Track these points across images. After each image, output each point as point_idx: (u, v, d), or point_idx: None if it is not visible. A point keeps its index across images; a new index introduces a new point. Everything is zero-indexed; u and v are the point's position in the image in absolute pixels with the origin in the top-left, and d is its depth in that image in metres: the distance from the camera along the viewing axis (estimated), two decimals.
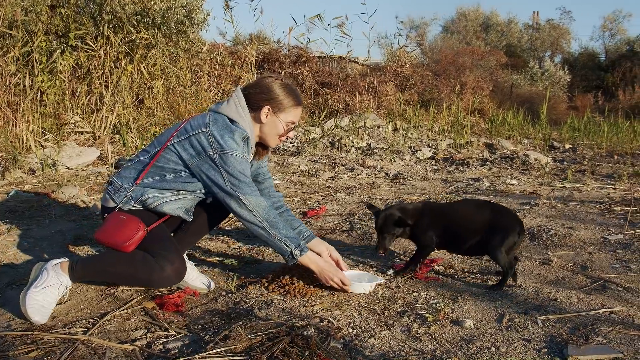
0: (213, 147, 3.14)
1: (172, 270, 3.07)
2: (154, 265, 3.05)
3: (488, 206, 3.84)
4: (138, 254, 3.10)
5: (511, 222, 3.64)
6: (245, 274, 3.79)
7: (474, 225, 3.69)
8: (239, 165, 3.15)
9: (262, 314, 3.01)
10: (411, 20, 35.94)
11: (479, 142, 12.28)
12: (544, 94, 17.06)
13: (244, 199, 3.14)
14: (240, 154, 3.17)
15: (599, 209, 6.03)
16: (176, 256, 3.12)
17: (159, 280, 3.09)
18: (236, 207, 3.17)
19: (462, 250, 3.82)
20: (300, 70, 15.51)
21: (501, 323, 3.00)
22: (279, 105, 3.32)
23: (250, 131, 3.28)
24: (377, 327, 2.92)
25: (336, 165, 9.18)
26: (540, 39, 33.68)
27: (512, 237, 3.57)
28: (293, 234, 3.29)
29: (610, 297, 3.47)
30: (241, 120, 3.25)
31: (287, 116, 3.36)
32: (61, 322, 2.97)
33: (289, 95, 3.35)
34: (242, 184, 3.15)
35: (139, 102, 10.26)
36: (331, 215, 5.72)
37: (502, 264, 3.55)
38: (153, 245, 3.12)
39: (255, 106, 3.32)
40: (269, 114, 3.32)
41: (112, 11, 9.84)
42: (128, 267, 3.08)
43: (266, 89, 3.32)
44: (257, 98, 3.31)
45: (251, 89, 3.35)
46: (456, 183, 7.83)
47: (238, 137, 3.17)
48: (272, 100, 3.31)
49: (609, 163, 10.19)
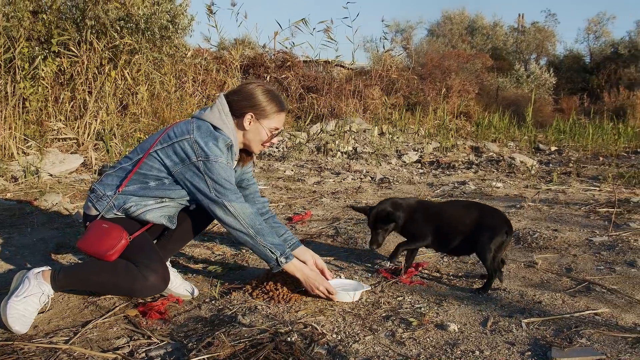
0: (197, 154, 3.11)
1: (156, 279, 3.05)
2: (137, 274, 3.02)
3: (476, 206, 3.88)
4: (121, 263, 3.07)
5: (499, 221, 3.67)
6: (229, 281, 3.78)
7: (462, 225, 3.73)
8: (224, 172, 3.13)
9: (245, 321, 3.00)
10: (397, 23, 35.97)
11: (465, 146, 12.31)
12: (529, 97, 17.12)
13: (229, 206, 3.12)
14: (225, 160, 3.15)
15: (583, 211, 6.06)
16: (159, 265, 3.09)
17: (142, 289, 3.07)
18: (221, 214, 3.15)
19: (449, 249, 3.85)
20: (286, 74, 15.50)
21: (485, 326, 3.00)
22: (262, 112, 3.30)
23: (234, 138, 3.26)
24: (362, 332, 2.91)
25: (322, 170, 9.18)
26: (525, 42, 33.80)
27: (499, 237, 3.60)
28: (279, 240, 3.27)
29: (595, 299, 3.49)
30: (225, 127, 3.22)
31: (270, 122, 3.34)
32: (42, 331, 2.95)
33: (272, 101, 3.33)
34: (227, 191, 3.13)
35: (123, 108, 10.22)
36: (316, 220, 5.71)
37: (488, 264, 3.57)
38: (136, 255, 3.09)
39: (239, 113, 3.30)
40: (252, 120, 3.30)
41: (95, 17, 9.80)
42: (111, 276, 3.05)
43: (249, 96, 3.29)
44: (240, 105, 3.29)
45: (234, 96, 3.33)
46: (442, 186, 7.85)
47: (222, 144, 3.15)
48: (255, 107, 3.29)
49: (594, 165, 10.25)
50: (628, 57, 30.19)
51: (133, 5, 10.36)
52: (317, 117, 14.29)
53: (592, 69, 31.59)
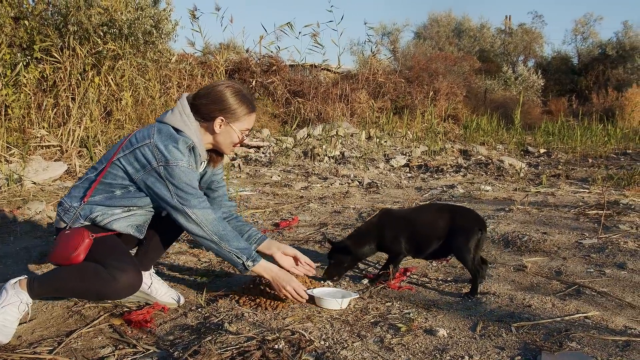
0: (157, 158, 3.05)
1: (126, 279, 2.99)
2: (106, 276, 2.97)
3: (448, 209, 3.93)
4: (89, 266, 3.02)
5: (472, 221, 3.73)
6: (215, 288, 3.77)
7: (435, 230, 3.77)
8: (185, 177, 3.07)
9: (232, 328, 2.99)
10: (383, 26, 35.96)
11: (453, 149, 12.35)
12: (517, 99, 17.20)
13: (191, 213, 3.09)
14: (186, 164, 3.08)
15: (573, 213, 6.08)
16: (129, 265, 3.04)
17: (114, 291, 3.02)
18: (184, 222, 3.12)
19: (425, 255, 3.88)
20: (272, 79, 15.50)
21: (475, 331, 3.01)
22: (233, 115, 3.23)
23: (197, 140, 3.18)
24: (350, 338, 2.91)
25: (309, 175, 9.18)
26: (513, 44, 33.95)
27: (475, 236, 3.65)
28: (244, 244, 3.24)
29: (585, 302, 3.50)
30: (186, 129, 3.14)
31: (241, 125, 3.28)
32: (26, 341, 2.94)
33: (242, 103, 3.26)
34: (189, 196, 3.09)
35: (107, 115, 10.19)
36: (304, 226, 5.71)
37: (470, 266, 3.62)
38: (105, 257, 3.04)
39: (208, 117, 3.23)
40: (223, 124, 3.24)
41: (77, 22, 9.77)
42: (81, 281, 3.01)
43: (218, 99, 3.22)
44: (209, 109, 3.22)
45: (202, 99, 3.24)
46: (430, 190, 7.86)
47: (182, 146, 3.08)
48: (224, 110, 3.22)
49: (584, 167, 10.30)
50: (616, 58, 30.40)
51: (116, 10, 10.34)
52: (303, 121, 14.30)
53: (580, 70, 31.79)
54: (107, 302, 3.46)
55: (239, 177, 8.89)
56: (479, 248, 3.71)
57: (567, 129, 15.18)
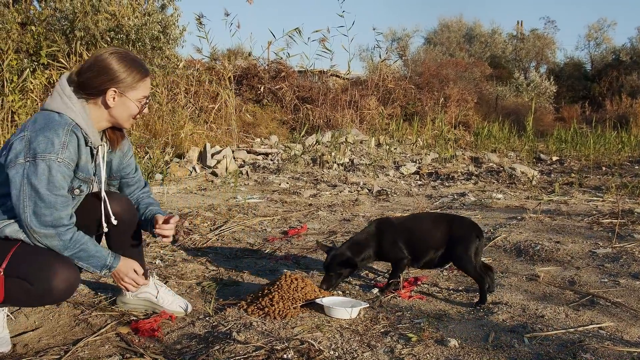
0: (25, 153, 2.74)
1: (58, 283, 2.78)
2: (38, 292, 2.79)
3: (443, 218, 3.96)
4: (15, 287, 2.79)
5: (467, 229, 3.78)
6: (223, 297, 3.77)
7: (432, 239, 3.80)
8: (52, 177, 2.75)
9: (240, 337, 2.99)
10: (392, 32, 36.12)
11: (464, 156, 12.34)
12: (529, 106, 17.16)
13: (38, 237, 2.80)
14: (62, 157, 2.76)
15: (586, 222, 6.06)
16: (52, 270, 2.78)
17: (54, 300, 2.92)
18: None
19: (421, 264, 3.90)
20: (280, 85, 15.54)
21: (487, 342, 3.00)
22: (125, 85, 2.95)
23: (83, 121, 2.88)
24: (360, 348, 2.91)
25: (318, 183, 9.19)
26: (524, 50, 33.99)
27: (473, 244, 3.67)
28: (98, 254, 2.97)
29: (599, 312, 3.49)
30: (69, 110, 2.85)
31: (137, 93, 3.01)
32: (32, 350, 2.94)
33: (133, 69, 2.98)
34: (47, 209, 2.76)
35: None
36: (313, 234, 5.71)
37: (473, 273, 3.64)
38: (25, 274, 2.78)
39: (98, 91, 2.93)
40: (117, 96, 2.95)
41: (84, 28, 9.84)
42: (24, 300, 2.91)
43: (104, 70, 2.91)
44: (97, 82, 2.91)
45: (87, 73, 2.92)
46: (441, 198, 7.86)
47: (60, 132, 2.77)
48: (114, 80, 2.92)
49: (597, 175, 10.27)
50: (630, 64, 30.35)
51: (123, 16, 10.40)
52: (312, 128, 14.32)
53: (593, 76, 31.76)
54: (115, 311, 3.47)
55: (247, 184, 8.91)
56: (478, 255, 3.74)
57: (580, 136, 15.14)
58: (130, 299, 3.50)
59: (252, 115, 14.16)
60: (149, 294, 3.47)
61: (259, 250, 5.10)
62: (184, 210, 6.47)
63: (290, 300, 3.43)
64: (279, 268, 4.52)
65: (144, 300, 3.50)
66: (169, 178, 8.82)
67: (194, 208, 6.64)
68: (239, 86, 14.99)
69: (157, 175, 8.52)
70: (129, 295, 3.49)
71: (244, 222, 6.07)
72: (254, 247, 5.19)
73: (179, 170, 9.42)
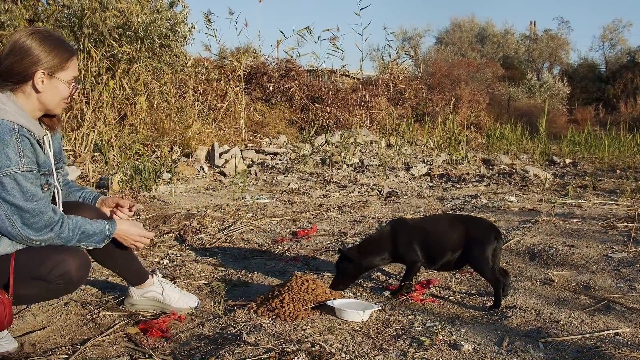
0: None
1: (74, 271, 2.82)
2: (58, 287, 2.83)
3: (460, 219, 3.95)
4: (38, 292, 2.86)
5: (486, 230, 3.76)
6: (233, 298, 3.77)
7: (449, 240, 3.78)
8: (23, 188, 2.69)
9: (250, 339, 2.99)
10: (403, 31, 36.09)
11: (475, 158, 12.32)
12: (542, 107, 17.10)
13: (37, 241, 2.78)
14: (17, 168, 2.66)
15: (601, 226, 6.05)
16: (62, 259, 2.81)
17: (75, 287, 2.96)
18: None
19: (437, 266, 3.89)
20: (289, 84, 15.54)
21: (501, 346, 3.00)
22: (52, 65, 2.81)
23: (22, 118, 2.74)
24: (372, 352, 2.91)
25: (327, 183, 9.18)
26: (537, 50, 33.89)
27: (490, 246, 3.65)
28: (98, 227, 2.99)
29: (615, 318, 3.48)
30: (2, 112, 2.68)
31: (67, 74, 2.87)
32: (40, 349, 2.95)
33: (58, 48, 2.84)
34: (34, 217, 2.74)
35: (121, 119, 10.25)
36: (322, 235, 5.71)
37: (489, 277, 3.63)
38: (38, 275, 2.80)
39: (23, 76, 2.77)
40: (45, 78, 2.80)
41: (92, 25, 9.85)
42: (48, 297, 2.99)
43: (25, 52, 2.75)
44: (21, 67, 2.75)
45: (8, 59, 2.76)
46: (452, 200, 7.84)
47: (7, 143, 2.64)
48: (39, 62, 2.77)
49: (611, 178, 10.23)
50: None
51: (132, 13, 10.43)
52: (321, 128, 14.31)
53: (607, 78, 31.63)
54: (123, 311, 3.47)
55: (255, 184, 8.91)
56: (497, 257, 3.71)
57: (594, 138, 15.07)
58: (137, 300, 3.49)
59: (261, 114, 14.17)
60: (154, 293, 3.47)
61: (268, 251, 5.10)
62: (192, 209, 6.48)
63: (301, 302, 3.43)
64: (288, 269, 4.52)
65: (151, 300, 3.49)
66: (177, 177, 8.83)
67: (202, 208, 6.64)
68: (247, 85, 14.99)
69: (164, 175, 8.53)
70: (136, 296, 3.48)
71: (253, 223, 6.07)
72: (263, 248, 5.19)
73: (186, 170, 9.43)
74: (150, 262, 4.58)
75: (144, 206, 6.58)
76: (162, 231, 5.58)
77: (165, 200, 7.10)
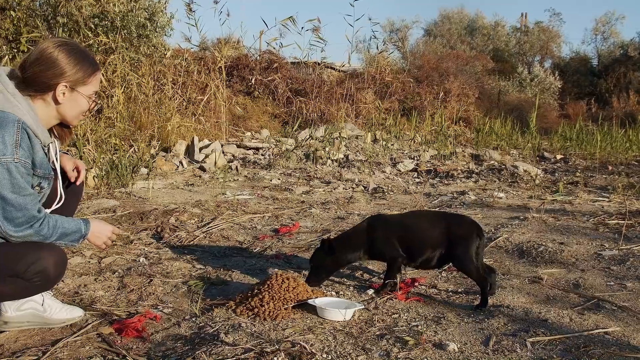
0: None
1: (52, 268, 2.84)
2: (34, 285, 2.86)
3: (441, 216, 3.98)
4: (15, 288, 2.85)
5: (467, 228, 3.79)
6: (211, 296, 3.76)
7: (429, 237, 3.80)
8: (13, 179, 2.70)
9: (228, 339, 2.98)
10: (391, 22, 36.08)
11: (464, 153, 12.34)
12: (533, 102, 17.16)
13: (16, 236, 2.77)
14: (12, 158, 2.69)
15: (592, 223, 6.08)
16: (42, 250, 2.83)
17: (52, 282, 2.98)
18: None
19: (417, 263, 3.90)
20: (272, 76, 15.51)
21: (487, 346, 3.00)
22: (76, 79, 2.89)
23: (32, 119, 2.79)
24: (354, 352, 2.90)
25: (311, 179, 9.18)
26: (528, 43, 33.96)
27: (473, 243, 3.67)
28: (74, 226, 2.97)
29: (605, 316, 3.49)
30: (15, 109, 2.75)
31: (88, 88, 2.96)
32: (9, 350, 2.93)
33: (84, 62, 2.92)
34: (17, 212, 2.74)
35: (97, 112, 10.17)
36: (305, 232, 5.70)
37: (474, 276, 3.65)
38: (14, 270, 2.79)
39: (46, 86, 2.85)
40: (67, 91, 2.88)
41: (67, 14, 9.79)
42: (24, 294, 2.99)
43: (52, 63, 2.82)
44: (44, 77, 2.83)
45: (33, 68, 2.83)
46: (440, 197, 7.85)
47: (10, 131, 2.69)
48: (64, 75, 2.85)
49: (603, 174, 10.28)
50: (638, 60, 30.36)
51: (108, 2, 10.36)
52: (305, 122, 14.28)
53: (600, 72, 31.77)
54: (96, 310, 3.45)
55: (236, 180, 8.89)
56: (480, 255, 3.73)
57: (585, 134, 15.14)
58: (12, 316, 3.17)
59: (243, 107, 14.13)
60: (33, 302, 3.19)
61: (249, 248, 5.09)
62: (170, 206, 6.45)
63: (282, 301, 3.43)
64: (269, 267, 4.51)
65: (29, 315, 3.20)
66: (155, 172, 8.80)
67: (181, 204, 6.62)
68: (229, 77, 14.93)
69: (142, 170, 8.49)
70: (11, 310, 3.15)
71: (233, 219, 6.06)
72: (243, 245, 5.18)
73: (165, 165, 9.40)
74: (126, 260, 4.56)
75: (120, 202, 6.55)
76: (138, 228, 5.55)
77: (142, 196, 7.06)
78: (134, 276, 4.15)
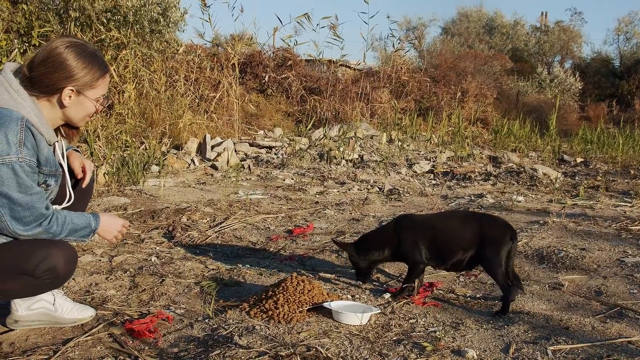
0: None
1: (62, 265, 2.86)
2: (44, 282, 2.87)
3: (473, 217, 3.95)
4: (21, 284, 2.86)
5: (501, 230, 3.74)
6: (224, 298, 3.76)
7: (461, 239, 3.77)
8: (19, 179, 2.69)
9: (242, 342, 2.98)
10: (407, 20, 36.02)
11: (482, 155, 12.31)
12: (553, 103, 17.09)
13: (26, 235, 2.77)
14: (16, 157, 2.66)
15: (614, 228, 6.04)
16: (51, 248, 2.84)
17: (63, 280, 2.99)
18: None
19: (447, 266, 3.88)
20: (286, 74, 15.51)
21: (507, 353, 2.99)
22: (83, 83, 2.86)
23: (36, 117, 2.77)
24: (370, 357, 2.90)
25: (325, 179, 9.18)
26: (549, 43, 33.85)
27: (505, 247, 3.63)
28: (83, 221, 2.97)
29: (628, 325, 3.47)
30: (20, 107, 2.72)
31: (96, 92, 2.93)
32: (19, 349, 2.94)
33: (92, 65, 2.88)
34: (26, 211, 2.73)
35: (108, 108, 10.22)
36: (319, 234, 5.70)
37: (501, 281, 3.61)
38: (24, 268, 2.80)
39: (52, 88, 2.82)
40: (73, 95, 2.86)
41: (79, 8, 9.83)
42: (34, 292, 3.01)
43: (60, 66, 2.79)
44: (51, 79, 2.80)
45: (41, 68, 2.79)
46: (457, 199, 7.84)
47: (11, 130, 2.66)
48: (71, 78, 2.82)
49: (625, 179, 10.23)
50: None
51: None
52: (319, 121, 14.28)
53: (622, 73, 31.60)
54: (107, 310, 3.46)
55: (249, 179, 8.90)
56: (510, 260, 3.69)
57: (607, 136, 15.06)
58: (24, 314, 3.19)
59: (256, 105, 14.15)
60: (44, 302, 3.21)
61: (262, 249, 5.09)
62: (182, 204, 6.47)
63: (296, 304, 3.42)
64: (283, 269, 4.51)
65: (40, 314, 3.22)
66: (166, 170, 8.82)
67: (192, 203, 6.64)
68: (242, 74, 14.94)
69: (153, 167, 8.51)
70: (22, 309, 3.17)
71: (246, 219, 6.06)
72: (256, 246, 5.18)
73: (176, 163, 9.42)
74: (137, 259, 4.57)
75: (131, 200, 6.57)
76: (149, 227, 5.57)
77: (153, 194, 7.08)
78: (146, 276, 4.16)
